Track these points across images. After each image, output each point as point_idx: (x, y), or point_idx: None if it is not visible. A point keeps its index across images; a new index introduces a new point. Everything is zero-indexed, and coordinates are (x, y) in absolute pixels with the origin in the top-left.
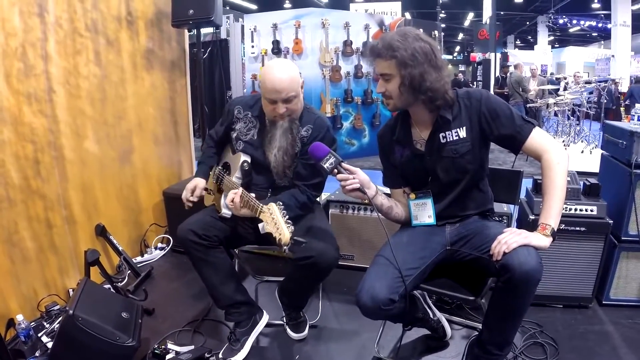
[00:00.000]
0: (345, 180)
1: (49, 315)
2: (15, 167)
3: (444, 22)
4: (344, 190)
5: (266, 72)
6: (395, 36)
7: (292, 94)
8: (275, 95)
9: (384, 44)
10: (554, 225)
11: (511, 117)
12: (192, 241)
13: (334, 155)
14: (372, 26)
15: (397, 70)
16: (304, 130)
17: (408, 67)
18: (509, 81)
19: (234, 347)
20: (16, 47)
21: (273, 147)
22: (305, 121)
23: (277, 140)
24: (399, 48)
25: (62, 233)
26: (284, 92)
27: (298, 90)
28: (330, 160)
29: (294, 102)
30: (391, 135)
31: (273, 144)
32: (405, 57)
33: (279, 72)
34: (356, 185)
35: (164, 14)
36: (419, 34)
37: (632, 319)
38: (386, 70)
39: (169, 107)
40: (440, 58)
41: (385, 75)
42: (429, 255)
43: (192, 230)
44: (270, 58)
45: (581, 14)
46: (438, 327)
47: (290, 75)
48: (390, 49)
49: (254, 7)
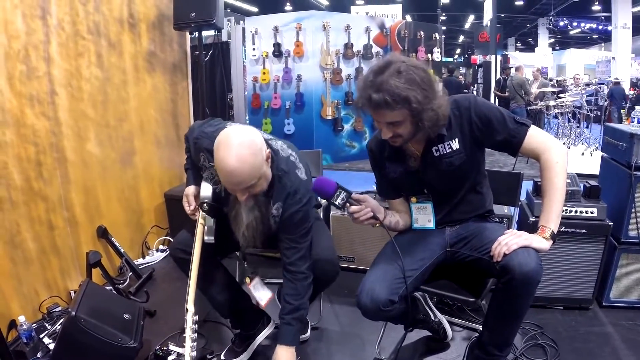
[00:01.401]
0: (359, 211)
1: (51, 316)
2: (17, 169)
3: (445, 25)
4: (357, 221)
5: (220, 158)
6: (398, 81)
7: (253, 182)
8: (232, 187)
9: (391, 94)
10: (554, 227)
11: (503, 121)
12: (182, 259)
13: (343, 189)
14: (372, 29)
15: (409, 114)
16: (274, 209)
17: (422, 111)
18: (510, 84)
19: (236, 350)
20: (19, 50)
21: (240, 225)
22: (276, 197)
23: (244, 218)
24: (409, 96)
25: (63, 235)
26: (242, 184)
27: (260, 174)
28: (341, 196)
29: (255, 186)
30: (381, 151)
31: (239, 221)
32: (420, 100)
33: (235, 159)
34: (370, 214)
35: (166, 17)
36: (414, 65)
37: (632, 321)
38: (396, 118)
39: (171, 110)
40: (432, 78)
41: (395, 122)
42: (429, 257)
43: (179, 248)
44: (271, 60)
45: (582, 16)
46: (439, 329)
47: (249, 164)
48: (403, 99)
49: (255, 9)
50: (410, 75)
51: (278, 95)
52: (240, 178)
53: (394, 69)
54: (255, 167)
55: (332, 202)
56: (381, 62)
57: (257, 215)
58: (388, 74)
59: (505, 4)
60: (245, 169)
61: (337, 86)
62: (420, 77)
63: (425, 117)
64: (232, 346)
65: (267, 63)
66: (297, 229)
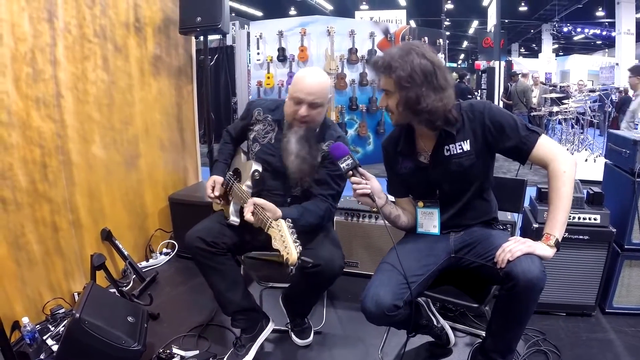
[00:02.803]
0: (358, 184)
1: (54, 318)
2: (22, 171)
3: (449, 30)
4: (354, 194)
5: (302, 73)
6: (397, 54)
7: (319, 101)
8: (303, 96)
9: (384, 61)
10: (559, 236)
11: (515, 128)
12: (200, 248)
13: (353, 157)
14: (377, 34)
15: (396, 88)
16: (325, 145)
17: (404, 88)
18: (514, 90)
19: (239, 353)
20: (25, 52)
21: (290, 153)
22: (328, 137)
23: (294, 147)
24: (396, 68)
25: (68, 237)
26: (313, 96)
27: (325, 101)
28: (347, 161)
29: (317, 110)
30: (395, 146)
31: (289, 150)
32: (402, 77)
33: (315, 76)
34: (367, 190)
35: (172, 21)
36: (423, 51)
37: (635, 327)
38: (387, 86)
39: (176, 113)
40: (443, 77)
41: (387, 90)
42: (433, 263)
43: (200, 237)
44: (275, 65)
45: (585, 22)
46: (442, 334)
47: (323, 83)
48: (389, 67)
49: (260, 14)
50: (411, 58)
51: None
52: (316, 88)
53: (407, 48)
54: (327, 90)
55: (338, 163)
56: (407, 43)
57: (305, 146)
58: (399, 49)
59: (509, 9)
60: (322, 85)
61: (341, 91)
62: (421, 65)
63: (411, 104)
64: (234, 350)
65: (271, 67)
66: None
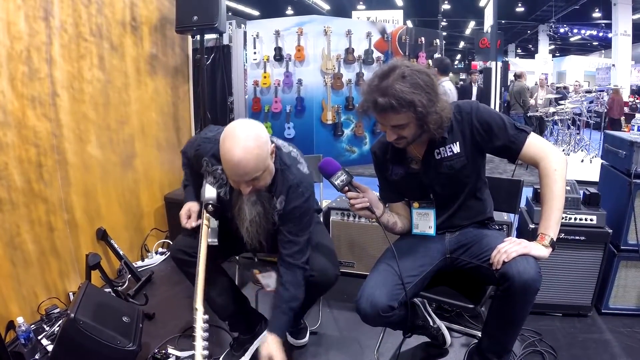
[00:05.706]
0: (356, 198)
1: (49, 318)
2: (18, 170)
3: (445, 31)
4: (353, 208)
5: (226, 149)
6: (403, 85)
7: (257, 174)
8: (238, 179)
9: (397, 98)
10: (553, 235)
11: (504, 127)
12: (182, 260)
13: (346, 172)
14: (374, 34)
15: (414, 117)
16: (277, 203)
17: (427, 113)
18: (511, 90)
19: (235, 354)
20: (21, 51)
21: (244, 220)
22: (279, 191)
23: (247, 213)
24: (414, 99)
25: (63, 236)
26: (248, 175)
27: (265, 166)
28: (341, 177)
29: (260, 178)
30: (384, 153)
31: (243, 216)
32: (424, 103)
33: (241, 151)
34: (366, 204)
35: (168, 20)
36: (417, 69)
37: (631, 328)
38: (401, 121)
39: (172, 113)
40: (435, 81)
41: (400, 125)
42: (428, 263)
43: (181, 249)
44: (272, 65)
45: (582, 23)
46: (438, 335)
47: (254, 155)
48: (408, 103)
49: (257, 13)
50: (414, 79)
51: (279, 99)
52: (246, 169)
53: (399, 73)
54: (260, 159)
55: (332, 181)
56: (385, 67)
57: (260, 210)
58: (393, 78)
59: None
60: (251, 160)
61: (338, 91)
62: (424, 81)
63: (430, 120)
64: (230, 350)
65: (268, 67)
66: (297, 223)
